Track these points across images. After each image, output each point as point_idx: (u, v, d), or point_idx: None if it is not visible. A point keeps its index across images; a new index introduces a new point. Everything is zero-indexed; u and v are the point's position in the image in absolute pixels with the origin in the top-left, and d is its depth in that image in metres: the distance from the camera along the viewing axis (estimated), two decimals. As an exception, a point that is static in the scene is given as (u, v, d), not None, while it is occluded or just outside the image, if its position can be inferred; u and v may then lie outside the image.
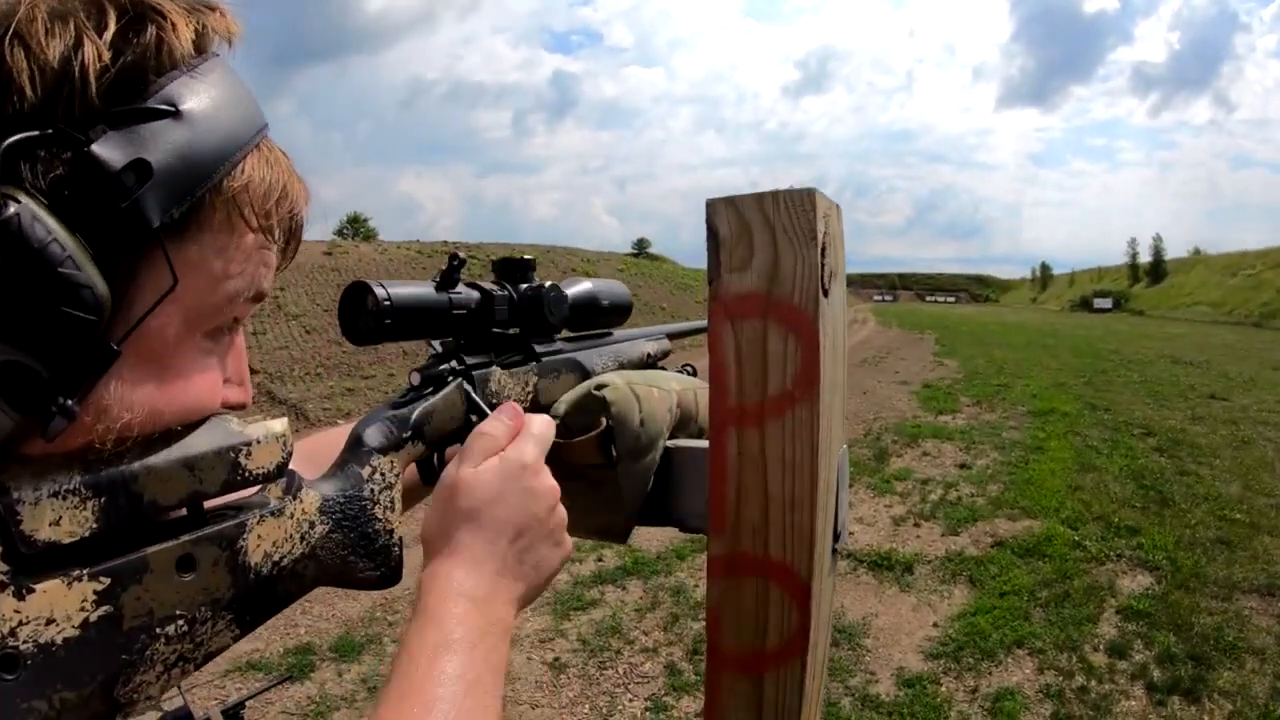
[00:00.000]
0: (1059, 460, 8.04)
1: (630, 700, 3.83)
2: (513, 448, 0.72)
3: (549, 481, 0.72)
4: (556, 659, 4.22)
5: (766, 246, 0.72)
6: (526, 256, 0.93)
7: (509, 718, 3.70)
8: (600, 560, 5.55)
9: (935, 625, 4.50)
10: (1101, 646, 4.18)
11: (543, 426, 0.76)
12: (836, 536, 0.81)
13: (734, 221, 0.73)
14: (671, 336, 1.21)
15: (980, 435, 9.42)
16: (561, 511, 0.73)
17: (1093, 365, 17.59)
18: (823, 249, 0.70)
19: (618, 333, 1.11)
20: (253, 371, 0.67)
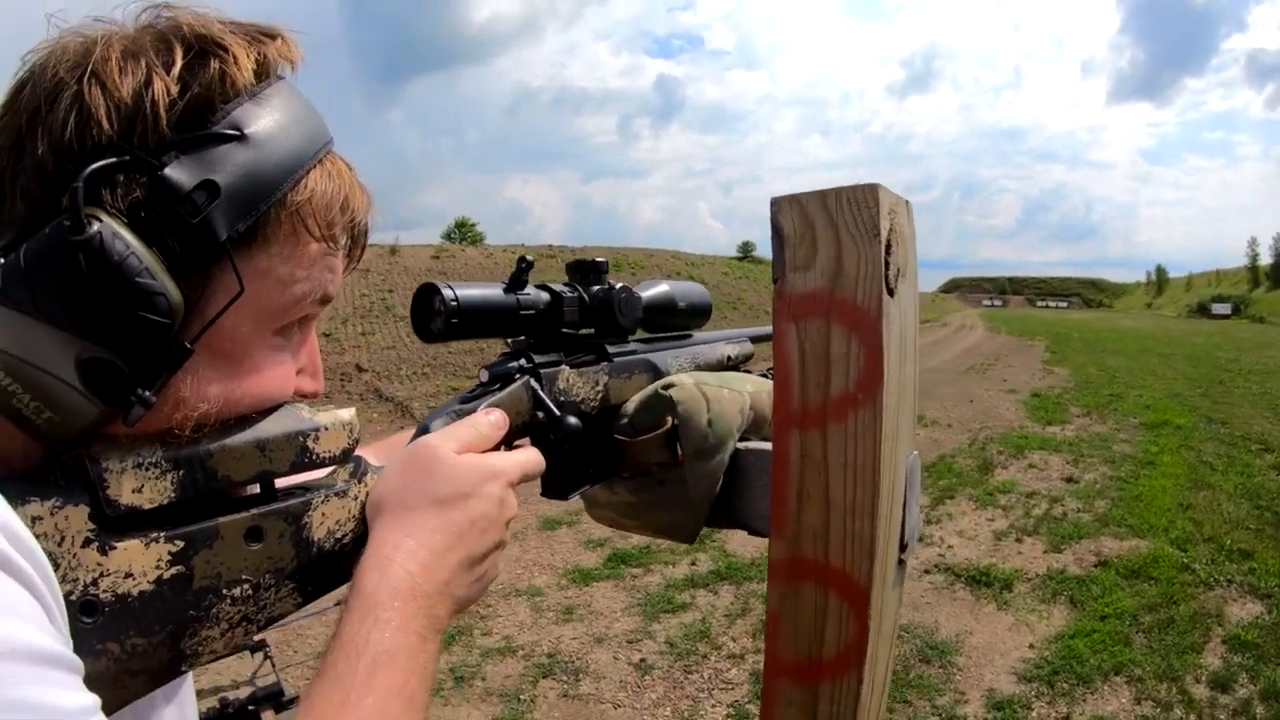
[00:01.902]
0: (1171, 476, 7.66)
1: (713, 706, 3.81)
2: (496, 456, 0.72)
3: (514, 500, 0.72)
4: (643, 660, 4.23)
5: (829, 244, 0.70)
6: (599, 259, 0.95)
7: (591, 716, 3.72)
8: (694, 564, 5.55)
9: (1031, 646, 4.34)
10: (1204, 678, 3.96)
11: (535, 458, 0.77)
12: (904, 546, 0.79)
13: (798, 219, 0.71)
14: (755, 340, 1.20)
15: (1089, 448, 9.05)
16: (506, 535, 0.72)
17: (1210, 375, 16.73)
18: (887, 246, 0.68)
19: (698, 334, 1.11)
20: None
